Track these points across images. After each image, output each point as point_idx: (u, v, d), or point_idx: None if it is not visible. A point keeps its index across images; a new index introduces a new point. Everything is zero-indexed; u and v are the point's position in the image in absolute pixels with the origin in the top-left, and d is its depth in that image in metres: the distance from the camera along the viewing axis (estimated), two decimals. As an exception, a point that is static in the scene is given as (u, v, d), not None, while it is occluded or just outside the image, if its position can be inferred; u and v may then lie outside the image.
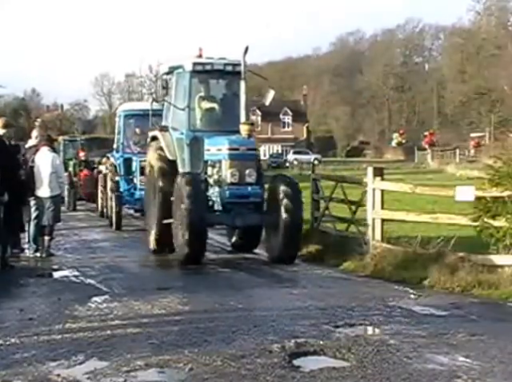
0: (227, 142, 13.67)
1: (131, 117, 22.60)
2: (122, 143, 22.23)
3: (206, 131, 14.44)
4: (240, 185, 13.61)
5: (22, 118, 71.80)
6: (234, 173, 13.59)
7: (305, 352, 7.36)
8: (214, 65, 14.51)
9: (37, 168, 14.37)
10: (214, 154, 14.02)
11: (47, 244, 14.59)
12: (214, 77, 15.12)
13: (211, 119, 14.86)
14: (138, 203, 21.02)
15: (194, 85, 14.71)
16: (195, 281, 11.85)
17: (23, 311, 9.31)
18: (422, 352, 7.37)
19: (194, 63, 14.41)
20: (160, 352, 7.27)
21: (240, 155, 13.71)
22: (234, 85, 14.55)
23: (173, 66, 15.09)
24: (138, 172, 20.73)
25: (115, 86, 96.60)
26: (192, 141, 14.29)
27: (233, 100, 14.61)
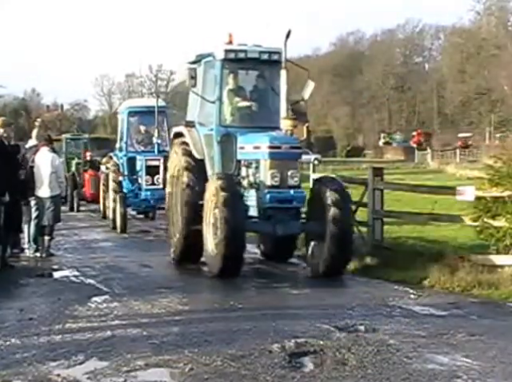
0: (268, 139, 12.05)
1: (135, 115, 21.78)
2: (126, 141, 21.30)
3: (239, 127, 12.91)
4: (281, 188, 11.96)
5: (22, 118, 71.81)
6: (274, 174, 11.94)
7: (305, 352, 7.35)
8: (248, 53, 12.89)
9: (37, 168, 14.38)
10: (249, 153, 12.47)
11: (47, 244, 14.59)
12: (248, 67, 13.44)
13: (244, 114, 13.25)
14: (144, 204, 20.70)
15: (226, 76, 13.07)
16: (195, 281, 11.84)
17: (23, 311, 9.31)
18: (422, 352, 7.37)
19: (226, 50, 12.80)
20: (160, 352, 7.27)
21: (282, 154, 12.08)
22: (270, 76, 13.25)
23: (201, 55, 13.45)
24: (143, 171, 20.10)
25: (115, 86, 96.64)
26: (223, 137, 12.77)
27: (268, 92, 13.36)
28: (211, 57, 13.06)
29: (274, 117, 12.71)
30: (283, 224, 11.99)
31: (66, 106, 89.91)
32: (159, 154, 20.13)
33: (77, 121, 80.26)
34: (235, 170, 12.67)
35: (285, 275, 12.57)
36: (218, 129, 12.77)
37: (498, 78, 76.15)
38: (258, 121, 13.02)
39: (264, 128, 12.55)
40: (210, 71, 13.15)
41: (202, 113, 13.28)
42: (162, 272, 12.95)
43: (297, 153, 12.34)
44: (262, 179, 12.10)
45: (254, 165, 12.33)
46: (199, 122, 13.23)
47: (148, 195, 20.24)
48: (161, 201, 19.15)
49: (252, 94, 13.35)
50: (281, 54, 12.55)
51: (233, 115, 13.09)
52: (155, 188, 19.92)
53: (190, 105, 13.77)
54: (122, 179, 20.78)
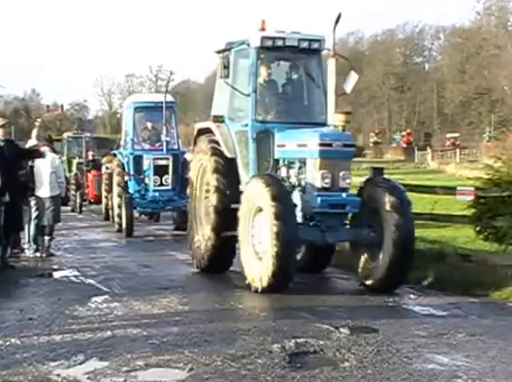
0: (318, 136, 10.68)
1: (141, 110, 20.62)
2: (132, 139, 20.07)
3: (277, 123, 11.70)
4: (332, 191, 10.62)
5: (22, 118, 71.84)
6: (325, 175, 10.58)
7: (305, 352, 7.36)
8: (287, 41, 11.62)
9: (37, 168, 14.40)
10: (291, 151, 11.24)
11: (47, 244, 14.60)
12: (286, 56, 12.19)
13: (282, 108, 12.12)
14: (151, 206, 19.65)
15: (262, 65, 11.83)
16: (195, 281, 11.85)
17: (23, 311, 9.31)
18: (422, 352, 7.38)
19: (262, 37, 11.54)
20: (160, 352, 7.27)
21: (334, 153, 10.68)
22: (309, 66, 12.16)
23: (231, 42, 12.16)
24: (151, 171, 19.07)
25: (115, 86, 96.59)
26: (259, 134, 11.54)
27: (307, 84, 12.16)
28: (245, 45, 11.80)
29: (315, 112, 11.93)
30: (333, 231, 10.72)
31: (66, 106, 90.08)
32: (168, 153, 19.25)
33: (77, 121, 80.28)
34: (272, 170, 11.49)
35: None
36: (254, 124, 11.54)
37: (497, 78, 76.16)
38: (298, 116, 11.95)
39: (304, 124, 11.58)
40: (243, 61, 12.00)
41: (233, 107, 12.16)
42: (161, 272, 12.94)
43: (350, 152, 10.97)
44: (309, 181, 10.82)
45: (298, 165, 11.14)
46: (229, 117, 12.04)
47: (156, 196, 19.19)
48: (170, 203, 19.13)
49: (290, 86, 12.23)
50: (321, 42, 11.78)
51: (269, 109, 11.96)
52: (164, 189, 19.12)
53: (217, 98, 12.62)
54: (128, 179, 19.75)
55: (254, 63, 11.63)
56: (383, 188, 10.66)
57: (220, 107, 12.34)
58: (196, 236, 12.56)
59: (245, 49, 11.84)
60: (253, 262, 10.47)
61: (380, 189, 10.67)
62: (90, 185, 28.19)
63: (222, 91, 12.31)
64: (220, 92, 12.42)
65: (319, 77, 11.98)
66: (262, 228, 10.28)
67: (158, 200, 19.19)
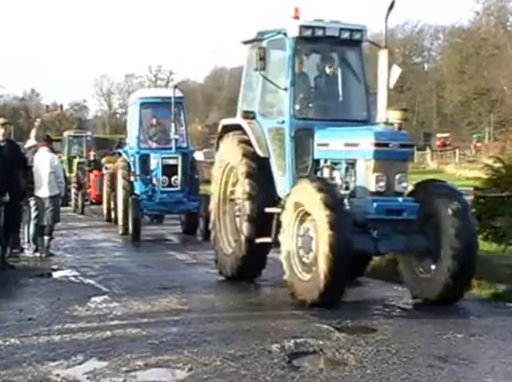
0: (373, 135, 9.74)
1: (148, 106, 19.47)
2: (138, 136, 18.96)
3: (316, 119, 10.82)
4: (387, 196, 9.71)
5: (22, 118, 71.84)
6: (380, 178, 9.66)
7: (304, 352, 7.36)
8: (327, 30, 10.70)
9: (36, 168, 14.39)
10: (337, 151, 10.31)
11: (47, 244, 14.59)
12: (325, 47, 11.22)
13: (321, 103, 11.23)
14: (159, 208, 18.44)
15: (299, 57, 10.93)
16: (194, 281, 11.83)
17: (23, 311, 9.30)
18: (422, 352, 7.37)
19: (301, 26, 10.60)
20: (159, 352, 7.27)
21: (390, 153, 9.76)
22: (350, 58, 11.33)
23: (263, 32, 11.22)
24: (159, 171, 17.86)
25: (114, 86, 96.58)
26: (298, 132, 10.61)
27: (348, 78, 11.30)
28: (280, 35, 10.86)
29: (356, 109, 11.22)
30: (387, 239, 9.77)
31: (66, 106, 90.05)
32: (177, 152, 18.12)
33: (76, 121, 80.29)
34: (311, 171, 10.61)
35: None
36: (292, 121, 10.58)
37: (497, 78, 76.18)
38: (337, 112, 11.13)
39: (344, 121, 10.73)
40: (275, 52, 11.11)
41: (266, 102, 11.30)
42: (161, 272, 12.93)
43: (407, 153, 10.08)
44: (360, 184, 9.88)
45: (345, 166, 10.21)
46: (261, 113, 11.17)
47: (164, 198, 17.97)
48: (179, 205, 18.12)
49: (329, 80, 11.30)
50: (363, 33, 11.01)
51: (307, 105, 11.03)
52: (173, 190, 17.97)
53: (245, 93, 11.77)
54: (134, 179, 18.65)
55: (292, 55, 10.68)
56: (440, 191, 9.92)
57: (248, 102, 11.57)
58: (221, 242, 11.79)
59: (280, 40, 10.89)
60: (300, 274, 9.58)
61: (436, 192, 9.91)
62: (92, 185, 27.64)
63: (250, 85, 11.57)
64: (248, 86, 11.66)
65: (360, 71, 11.23)
66: (311, 238, 9.37)
67: (167, 202, 18.07)
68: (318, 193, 9.14)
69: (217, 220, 11.94)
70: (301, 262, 9.61)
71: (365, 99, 11.09)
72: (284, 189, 10.66)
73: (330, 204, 9.03)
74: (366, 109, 11.09)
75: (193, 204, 18.04)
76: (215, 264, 11.98)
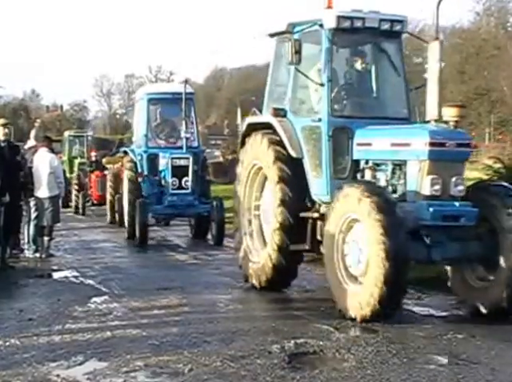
0: (428, 134, 8.94)
1: (157, 102, 18.21)
2: (146, 135, 17.68)
3: (355, 117, 10.09)
4: (442, 200, 8.93)
5: (22, 119, 71.83)
6: (435, 180, 8.88)
7: (304, 352, 7.36)
8: (367, 21, 9.95)
9: (35, 168, 14.40)
10: (382, 151, 9.58)
11: (47, 244, 14.59)
12: (363, 39, 10.49)
13: (360, 100, 10.58)
14: (168, 211, 17.23)
15: (337, 50, 10.24)
16: (194, 282, 11.82)
17: (23, 311, 9.30)
18: (422, 352, 7.37)
19: (338, 17, 9.83)
20: (159, 352, 7.27)
21: (447, 154, 8.98)
22: (390, 52, 10.55)
23: (296, 23, 10.44)
24: (169, 172, 16.77)
25: (115, 87, 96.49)
26: (335, 131, 9.85)
27: (388, 73, 10.58)
28: (315, 26, 10.06)
29: (396, 106, 10.57)
30: (441, 247, 8.98)
31: (66, 107, 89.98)
32: (188, 152, 17.03)
33: (76, 121, 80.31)
34: (349, 173, 9.91)
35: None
36: (330, 120, 9.81)
37: (497, 79, 76.17)
38: (376, 109, 10.44)
39: (384, 119, 10.05)
40: (310, 45, 10.22)
41: (298, 99, 10.55)
42: (161, 272, 12.92)
43: (465, 153, 9.27)
44: (412, 187, 9.12)
45: (391, 168, 9.52)
46: (292, 110, 10.41)
47: (175, 201, 16.80)
48: (190, 209, 17.06)
49: (367, 75, 10.57)
50: (404, 24, 10.32)
51: (345, 102, 10.29)
52: (183, 192, 16.85)
53: (272, 89, 11.08)
54: (141, 180, 17.46)
55: (329, 47, 9.94)
56: (500, 194, 9.08)
57: (274, 99, 10.90)
58: (247, 249, 11.01)
59: (314, 32, 10.10)
60: (347, 286, 8.80)
61: (495, 194, 9.08)
62: (93, 185, 26.88)
63: (278, 80, 10.95)
64: (276, 81, 11.00)
65: (400, 65, 10.51)
66: (360, 247, 8.63)
67: (177, 205, 16.86)
68: (369, 198, 8.40)
69: (242, 226, 11.17)
70: (348, 273, 8.83)
71: (405, 95, 10.43)
72: (320, 192, 9.99)
73: (383, 209, 8.29)
74: (406, 106, 10.45)
75: (204, 208, 17.09)
76: (243, 276, 11.10)
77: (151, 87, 20.11)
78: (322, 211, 9.90)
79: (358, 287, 8.62)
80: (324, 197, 9.91)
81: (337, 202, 8.98)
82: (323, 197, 9.92)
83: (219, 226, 16.64)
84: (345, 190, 8.88)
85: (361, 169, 9.85)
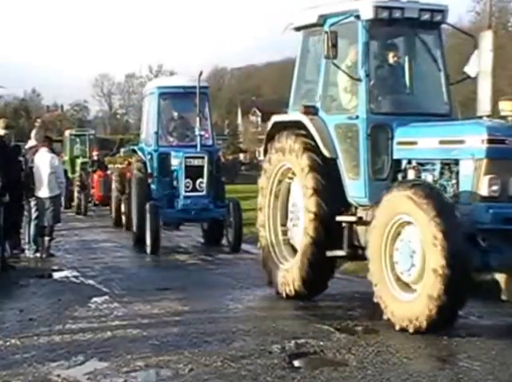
0: (485, 130, 8.31)
1: (168, 97, 16.91)
2: (156, 132, 16.18)
3: (393, 114, 9.43)
4: (501, 202, 8.32)
5: (23, 119, 71.84)
6: (494, 181, 8.25)
7: (305, 352, 7.36)
8: (406, 12, 9.28)
9: (36, 168, 14.41)
10: (429, 150, 8.90)
11: (47, 244, 14.60)
12: (402, 30, 9.87)
13: (399, 96, 9.96)
14: (181, 216, 15.88)
15: (374, 42, 9.60)
16: (195, 282, 11.83)
17: (23, 311, 9.31)
18: (422, 352, 7.37)
19: (376, 7, 9.18)
20: (160, 352, 7.27)
21: (507, 151, 8.32)
22: (429, 43, 9.93)
23: (327, 15, 9.74)
24: (182, 173, 15.39)
25: (115, 87, 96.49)
26: (374, 129, 9.21)
27: (429, 66, 9.97)
28: (351, 18, 9.39)
29: (438, 101, 9.92)
30: (498, 252, 8.27)
31: (66, 107, 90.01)
32: (202, 151, 15.65)
33: (77, 121, 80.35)
34: (389, 174, 9.27)
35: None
36: (368, 117, 9.17)
37: (497, 79, 76.26)
38: (416, 105, 9.83)
39: (424, 115, 9.46)
40: (347, 36, 9.65)
41: (329, 95, 9.93)
42: (161, 272, 12.93)
43: None
44: (467, 188, 8.43)
45: (439, 167, 8.84)
46: (323, 107, 9.77)
47: (188, 204, 15.40)
48: (205, 213, 15.62)
49: (406, 69, 9.94)
50: (445, 13, 9.66)
51: (383, 98, 9.65)
52: (198, 194, 15.43)
53: (299, 85, 10.51)
54: (151, 182, 16.15)
55: (367, 40, 9.31)
56: None
57: (301, 96, 10.36)
58: (275, 258, 10.34)
59: (349, 23, 9.44)
60: (397, 294, 8.23)
61: None
62: (95, 185, 26.33)
63: (305, 76, 10.45)
64: (303, 77, 10.46)
65: (440, 58, 9.85)
66: (413, 252, 8.04)
67: (190, 208, 15.45)
68: (425, 199, 7.82)
69: (267, 231, 10.49)
70: (397, 280, 8.26)
71: (445, 90, 9.78)
72: (357, 194, 9.37)
73: (441, 211, 7.72)
74: (447, 101, 9.83)
75: (220, 212, 15.71)
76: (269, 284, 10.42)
77: (162, 80, 18.04)
78: (359, 214, 9.31)
79: (411, 295, 8.03)
80: (362, 200, 9.31)
81: (385, 204, 8.34)
82: (361, 200, 9.32)
83: (237, 231, 15.34)
84: (393, 193, 8.25)
85: (402, 169, 9.19)
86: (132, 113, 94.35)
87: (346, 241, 9.38)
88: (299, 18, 10.32)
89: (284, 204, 10.41)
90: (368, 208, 9.06)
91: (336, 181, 9.46)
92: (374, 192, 8.97)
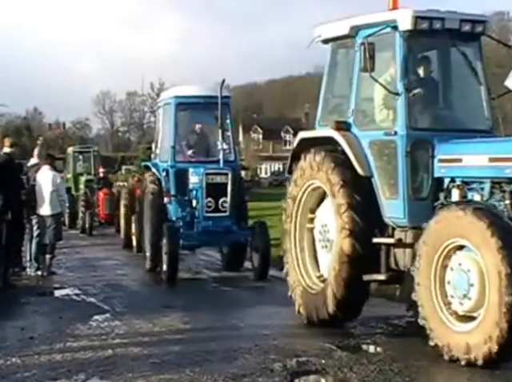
0: None
1: (187, 108, 15.42)
2: (173, 146, 14.70)
3: (433, 130, 8.92)
4: None
5: (24, 137, 71.98)
6: None
7: (306, 370, 7.34)
8: (447, 22, 8.78)
9: (38, 186, 14.42)
10: (477, 168, 8.28)
11: (48, 262, 14.57)
12: (441, 42, 9.32)
13: (439, 111, 9.44)
14: (201, 239, 14.22)
15: (411, 55, 8.97)
16: (196, 300, 11.81)
17: (24, 330, 9.29)
18: (426, 371, 7.34)
19: (415, 17, 8.63)
20: (161, 371, 7.25)
21: None
22: (469, 56, 9.36)
23: (360, 26, 9.24)
24: (203, 190, 13.90)
25: (117, 104, 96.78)
26: (414, 145, 8.66)
27: (468, 79, 9.42)
28: (387, 29, 8.89)
29: (479, 116, 9.38)
30: None
31: (68, 124, 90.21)
32: (226, 167, 14.29)
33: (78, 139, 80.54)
34: (429, 193, 8.70)
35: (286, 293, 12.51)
36: (409, 133, 8.63)
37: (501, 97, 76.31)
38: (457, 121, 9.27)
39: (465, 131, 8.92)
40: (383, 49, 9.05)
41: (360, 111, 9.43)
42: (163, 290, 12.90)
43: None
44: None
45: (489, 187, 8.21)
46: (356, 123, 9.27)
47: (209, 226, 13.95)
48: (228, 236, 14.19)
49: (446, 83, 9.48)
50: (486, 24, 9.17)
51: (422, 113, 9.11)
52: (220, 215, 14.00)
53: (327, 99, 10.06)
54: (168, 201, 14.69)
55: (405, 52, 8.80)
56: None
57: (330, 111, 9.95)
58: (302, 280, 9.78)
59: (385, 34, 8.94)
60: (450, 323, 7.69)
61: None
62: (101, 204, 25.31)
63: (334, 90, 10.02)
64: (331, 91, 10.02)
65: (480, 71, 9.36)
66: (469, 278, 7.48)
67: (212, 231, 13.99)
68: (484, 221, 7.27)
69: (292, 254, 9.91)
70: (450, 308, 7.72)
71: (486, 105, 9.32)
72: (395, 214, 8.79)
73: (507, 243, 7.13)
74: (488, 116, 9.35)
75: (244, 234, 14.34)
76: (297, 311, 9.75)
77: (180, 89, 15.83)
78: (397, 236, 8.76)
79: (467, 325, 7.51)
80: (400, 220, 8.74)
81: (434, 226, 7.81)
82: (399, 220, 8.76)
83: (264, 256, 13.74)
84: (444, 214, 7.78)
85: (445, 188, 8.61)
86: (133, 131, 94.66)
87: (384, 264, 8.82)
88: (328, 30, 9.80)
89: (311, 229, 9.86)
90: (407, 230, 8.62)
91: (369, 200, 8.91)
92: (413, 213, 8.54)
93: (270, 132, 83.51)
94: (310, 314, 9.40)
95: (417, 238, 8.17)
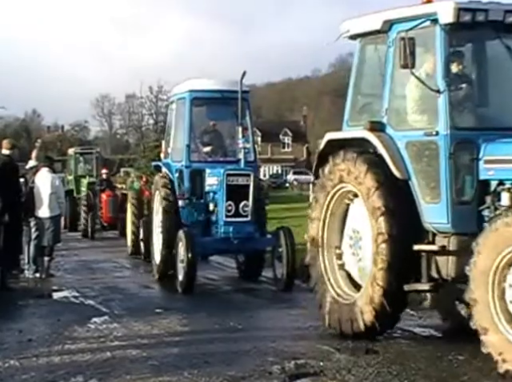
0: None
1: (203, 103, 14.31)
2: (188, 145, 13.54)
3: (478, 129, 8.30)
4: None
5: (23, 139, 72.02)
6: None
7: (305, 373, 7.33)
8: (490, 14, 8.12)
9: (36, 188, 14.41)
10: None
11: (47, 264, 14.57)
12: (483, 35, 8.64)
13: (483, 109, 8.80)
14: (219, 246, 13.10)
15: (453, 49, 8.44)
16: (195, 302, 11.81)
17: (22, 332, 9.28)
18: (423, 374, 7.33)
19: (458, 9, 8.02)
20: (159, 373, 7.24)
21: None
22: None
23: (394, 20, 8.68)
24: (222, 193, 12.73)
25: (116, 107, 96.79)
26: (457, 146, 8.09)
27: None
28: (426, 22, 8.27)
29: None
30: None
31: (67, 127, 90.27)
32: (247, 167, 13.10)
33: (77, 141, 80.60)
34: (475, 197, 8.13)
35: (284, 296, 12.52)
36: (452, 133, 8.07)
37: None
38: (503, 119, 8.60)
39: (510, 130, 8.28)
40: (423, 44, 8.51)
41: (395, 110, 8.82)
42: (161, 292, 12.90)
43: None
44: None
45: None
46: (391, 123, 8.72)
47: (230, 232, 12.72)
48: (249, 243, 13.00)
49: (489, 79, 8.81)
50: None
51: (465, 112, 8.54)
52: (241, 220, 12.82)
53: (355, 98, 9.49)
54: (182, 205, 13.57)
55: (446, 46, 8.22)
56: None
57: (359, 111, 9.44)
58: (332, 290, 9.16)
59: (423, 29, 8.32)
60: (508, 334, 7.20)
61: None
62: (104, 206, 24.57)
63: (363, 89, 9.53)
64: (360, 89, 9.49)
65: None
66: None
67: (232, 237, 12.74)
68: None
69: (321, 267, 9.29)
70: (510, 319, 7.24)
71: None
72: (437, 219, 8.23)
73: None
74: None
75: (268, 241, 13.36)
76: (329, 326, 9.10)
77: (195, 82, 14.16)
78: (439, 242, 8.22)
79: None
80: (443, 226, 8.18)
81: (492, 233, 7.25)
82: (441, 226, 8.20)
83: (289, 264, 12.57)
84: (504, 221, 7.21)
85: (492, 192, 8.02)
86: (132, 133, 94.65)
87: (426, 274, 8.31)
88: (357, 25, 9.19)
89: (340, 235, 9.26)
90: (449, 236, 8.12)
91: (407, 204, 8.36)
92: (457, 218, 8.04)
93: (268, 134, 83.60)
94: (342, 326, 8.81)
95: (461, 245, 7.82)
